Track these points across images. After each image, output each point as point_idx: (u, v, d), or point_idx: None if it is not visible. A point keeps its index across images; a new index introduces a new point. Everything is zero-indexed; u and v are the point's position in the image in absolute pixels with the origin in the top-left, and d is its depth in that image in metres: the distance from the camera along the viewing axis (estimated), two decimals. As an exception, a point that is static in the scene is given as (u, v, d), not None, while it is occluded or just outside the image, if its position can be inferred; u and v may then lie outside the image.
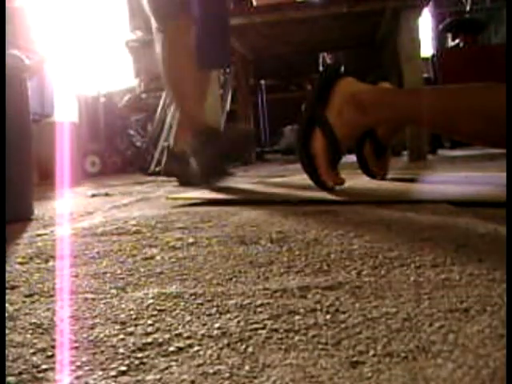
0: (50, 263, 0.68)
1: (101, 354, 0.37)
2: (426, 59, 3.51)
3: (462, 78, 3.28)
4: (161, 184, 2.25)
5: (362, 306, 0.43)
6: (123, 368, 0.34)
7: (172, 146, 1.87)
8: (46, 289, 0.55)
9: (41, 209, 1.35)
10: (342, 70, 1.26)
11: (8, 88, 1.07)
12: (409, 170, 1.97)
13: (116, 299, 0.50)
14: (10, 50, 1.15)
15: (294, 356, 0.34)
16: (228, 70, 3.16)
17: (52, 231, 0.95)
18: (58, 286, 0.57)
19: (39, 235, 0.91)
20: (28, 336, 0.41)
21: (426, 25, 5.59)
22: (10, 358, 0.37)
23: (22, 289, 0.56)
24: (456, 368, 0.30)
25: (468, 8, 5.35)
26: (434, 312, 0.40)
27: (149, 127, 4.63)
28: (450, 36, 4.40)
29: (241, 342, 0.37)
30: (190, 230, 0.83)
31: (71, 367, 0.35)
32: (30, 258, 0.71)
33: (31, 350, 0.38)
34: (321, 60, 4.36)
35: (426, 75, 3.42)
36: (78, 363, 0.36)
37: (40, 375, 0.34)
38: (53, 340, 0.40)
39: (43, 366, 0.36)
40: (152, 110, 4.50)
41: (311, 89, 1.25)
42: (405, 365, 0.32)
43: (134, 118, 4.75)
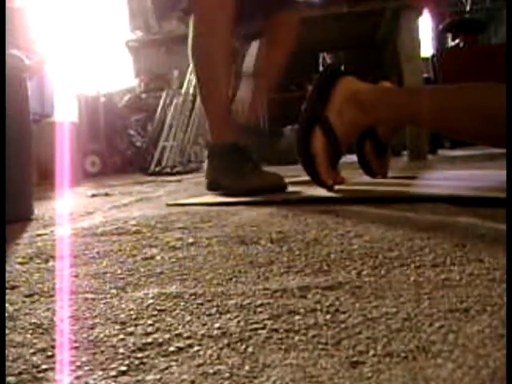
0: (50, 263, 0.68)
1: (101, 353, 0.37)
2: (426, 59, 3.51)
3: (462, 78, 3.28)
4: (161, 184, 2.25)
5: (361, 306, 0.43)
6: (123, 368, 0.34)
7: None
8: (46, 289, 0.55)
9: (41, 209, 1.35)
10: (342, 69, 1.26)
11: (8, 88, 1.07)
12: (409, 169, 1.97)
13: (116, 299, 0.50)
14: (9, 50, 1.15)
15: (293, 356, 0.34)
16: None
17: (52, 231, 0.95)
18: (58, 286, 0.57)
19: (39, 235, 0.91)
20: (28, 336, 0.41)
21: (425, 25, 5.59)
22: (10, 358, 0.37)
23: (22, 289, 0.56)
24: (456, 368, 0.30)
25: (468, 8, 5.35)
26: (434, 312, 0.40)
27: (149, 127, 4.63)
28: (450, 36, 4.40)
29: (241, 342, 0.37)
30: (189, 230, 0.83)
31: (71, 367, 0.35)
32: (30, 258, 0.71)
33: (31, 350, 0.38)
34: (321, 60, 4.37)
35: (425, 75, 3.42)
36: (78, 363, 0.36)
37: (40, 375, 0.34)
38: (53, 340, 0.40)
39: (43, 366, 0.36)
40: (152, 110, 4.51)
41: (311, 88, 1.24)
42: (405, 365, 0.32)
43: (133, 118, 4.76)
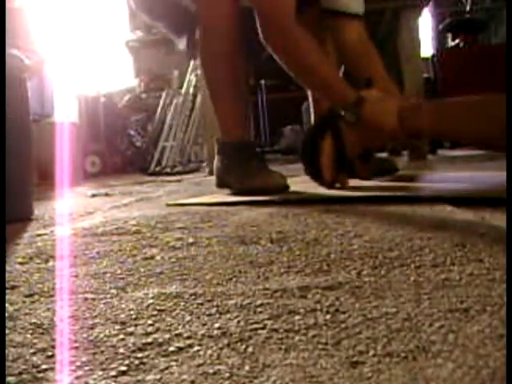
0: (50, 263, 0.68)
1: (101, 353, 0.37)
2: (426, 59, 3.51)
3: (462, 78, 3.28)
4: (161, 184, 2.25)
5: (361, 306, 0.43)
6: (123, 368, 0.34)
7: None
8: (46, 289, 0.55)
9: (41, 209, 1.35)
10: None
11: (8, 88, 1.07)
12: (409, 169, 1.97)
13: (116, 299, 0.50)
14: (9, 50, 1.15)
15: (293, 356, 0.34)
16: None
17: (52, 231, 0.95)
18: (58, 286, 0.57)
19: (39, 235, 0.91)
20: (28, 336, 0.41)
21: (426, 25, 5.59)
22: (10, 358, 0.37)
23: (22, 289, 0.56)
24: (456, 368, 0.30)
25: (468, 8, 5.35)
26: (434, 312, 0.40)
27: (149, 127, 4.63)
28: (450, 36, 4.40)
29: (241, 341, 0.37)
30: (189, 230, 0.83)
31: (71, 367, 0.35)
32: (30, 258, 0.71)
33: (31, 350, 0.38)
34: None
35: (426, 75, 3.42)
36: (78, 363, 0.36)
37: (40, 375, 0.34)
38: (53, 340, 0.40)
39: (43, 366, 0.36)
40: (152, 110, 4.50)
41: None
42: (405, 365, 0.32)
43: (133, 118, 4.76)
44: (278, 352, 0.35)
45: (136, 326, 0.42)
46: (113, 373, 0.34)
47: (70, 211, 1.28)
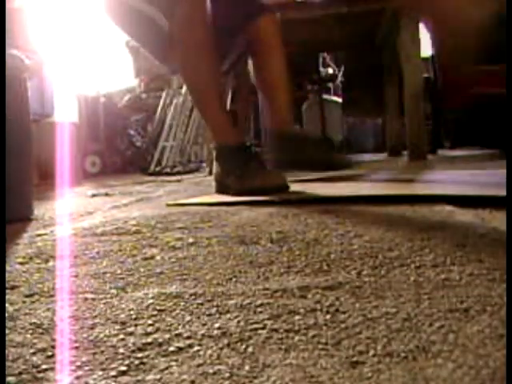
0: (50, 263, 0.68)
1: (101, 353, 0.37)
2: (425, 59, 3.51)
3: (461, 77, 3.28)
4: (161, 184, 2.25)
5: (361, 306, 0.43)
6: (123, 368, 0.34)
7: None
8: (45, 289, 0.55)
9: (41, 209, 1.35)
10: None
11: (8, 88, 1.07)
12: (409, 169, 1.97)
13: (116, 299, 0.50)
14: (9, 50, 1.15)
15: (293, 356, 0.34)
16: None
17: (52, 231, 0.95)
18: (58, 286, 0.57)
19: (39, 235, 0.91)
20: (28, 336, 0.41)
21: (425, 25, 5.58)
22: (10, 358, 0.37)
23: (22, 289, 0.56)
24: (456, 368, 0.30)
25: (468, 8, 5.35)
26: (434, 312, 0.40)
27: (149, 127, 4.63)
28: (449, 36, 4.39)
29: (241, 341, 0.37)
30: (189, 230, 0.83)
31: (71, 367, 0.35)
32: (30, 258, 0.71)
33: (31, 350, 0.38)
34: (321, 60, 4.36)
35: (426, 75, 3.42)
36: (78, 363, 0.36)
37: (40, 375, 0.34)
38: (53, 340, 0.40)
39: (43, 366, 0.36)
40: (152, 110, 4.51)
41: None
42: (405, 365, 0.32)
43: (133, 118, 4.76)
44: (278, 352, 0.35)
45: (136, 325, 0.42)
46: (113, 373, 0.34)
47: (70, 211, 1.28)
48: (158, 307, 0.46)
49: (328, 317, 0.41)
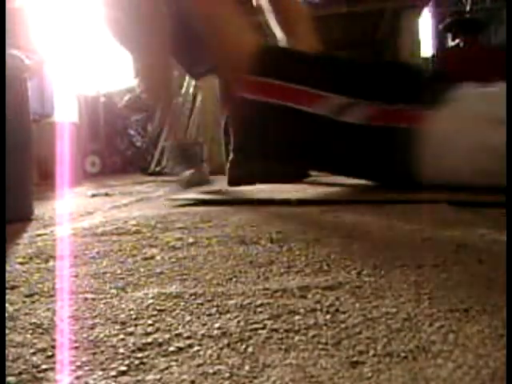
0: (50, 263, 0.68)
1: (101, 353, 0.37)
2: (426, 59, 3.51)
3: (461, 77, 3.28)
4: (161, 184, 2.26)
5: (362, 306, 0.43)
6: (123, 368, 0.34)
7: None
8: (46, 289, 0.55)
9: (41, 209, 1.35)
10: None
11: (8, 88, 1.07)
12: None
13: (116, 299, 0.50)
14: (9, 50, 1.15)
15: (293, 356, 0.34)
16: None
17: (52, 231, 0.95)
18: (58, 286, 0.57)
19: (39, 235, 0.91)
20: (28, 336, 0.41)
21: (426, 25, 5.59)
22: (10, 358, 0.37)
23: (22, 289, 0.56)
24: (456, 368, 0.30)
25: (468, 8, 5.35)
26: (434, 312, 0.40)
27: (149, 127, 4.63)
28: (449, 36, 4.40)
29: (241, 341, 0.37)
30: (189, 230, 0.83)
31: (71, 367, 0.35)
32: (30, 258, 0.71)
33: (31, 350, 0.38)
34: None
35: (425, 75, 3.41)
36: (78, 363, 0.36)
37: (40, 375, 0.34)
38: (53, 340, 0.40)
39: (43, 366, 0.36)
40: (152, 110, 4.50)
41: None
42: (405, 365, 0.32)
43: (133, 118, 4.75)
44: (278, 352, 0.35)
45: (136, 325, 0.42)
46: (113, 373, 0.34)
47: (70, 211, 1.28)
48: (157, 307, 0.46)
49: (328, 317, 0.41)
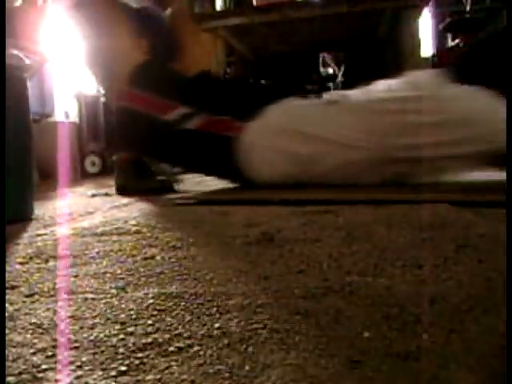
0: (50, 263, 0.68)
1: (101, 354, 0.37)
2: (426, 59, 3.51)
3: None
4: (161, 184, 2.25)
5: (362, 306, 0.43)
6: (123, 368, 0.34)
7: None
8: (45, 289, 0.55)
9: (41, 209, 1.35)
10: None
11: (8, 88, 1.07)
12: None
13: (116, 299, 0.50)
14: (9, 50, 1.15)
15: (293, 356, 0.34)
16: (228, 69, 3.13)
17: (52, 231, 0.95)
18: (58, 286, 0.57)
19: (39, 235, 0.91)
20: (28, 336, 0.41)
21: (425, 25, 5.58)
22: (10, 358, 0.37)
23: (22, 289, 0.56)
24: (456, 368, 0.30)
25: (468, 8, 5.35)
26: (435, 312, 0.40)
27: (149, 127, 4.62)
28: (449, 36, 4.40)
29: (241, 342, 0.37)
30: (189, 230, 0.83)
31: (71, 367, 0.35)
32: (30, 258, 0.71)
33: (31, 350, 0.38)
34: (321, 60, 4.36)
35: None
36: (78, 363, 0.36)
37: (40, 375, 0.34)
38: (53, 340, 0.40)
39: (43, 366, 0.36)
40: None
41: None
42: (405, 365, 0.32)
43: (134, 118, 4.74)
44: (278, 352, 0.35)
45: (136, 325, 0.42)
46: (113, 373, 0.34)
47: (70, 211, 1.28)
48: (157, 307, 0.46)
49: (328, 317, 0.41)
